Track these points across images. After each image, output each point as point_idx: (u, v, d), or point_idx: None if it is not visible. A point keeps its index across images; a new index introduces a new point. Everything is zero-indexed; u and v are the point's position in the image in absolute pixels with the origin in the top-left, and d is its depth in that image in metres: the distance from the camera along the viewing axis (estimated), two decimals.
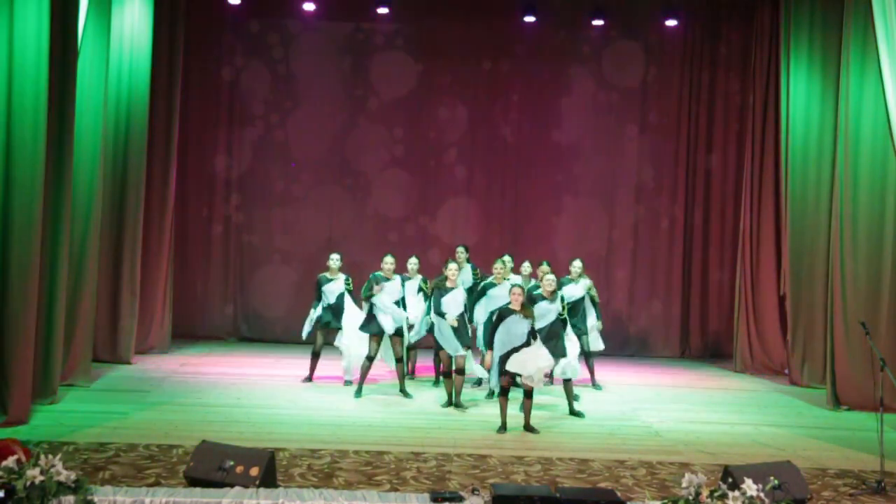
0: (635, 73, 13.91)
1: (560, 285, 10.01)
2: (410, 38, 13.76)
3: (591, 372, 10.75)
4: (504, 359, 8.57)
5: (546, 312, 9.19)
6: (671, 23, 13.38)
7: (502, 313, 8.71)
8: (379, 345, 9.89)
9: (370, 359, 9.87)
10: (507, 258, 10.35)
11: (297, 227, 13.72)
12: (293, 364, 11.56)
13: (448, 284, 9.66)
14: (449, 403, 9.45)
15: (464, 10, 13.61)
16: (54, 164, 8.42)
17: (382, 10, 13.04)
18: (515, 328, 8.59)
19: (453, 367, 9.50)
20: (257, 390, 9.98)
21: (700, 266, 13.93)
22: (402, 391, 9.86)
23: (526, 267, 10.82)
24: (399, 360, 9.89)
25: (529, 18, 13.24)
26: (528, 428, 8.58)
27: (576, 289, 10.45)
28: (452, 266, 9.73)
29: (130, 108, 11.29)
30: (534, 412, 8.78)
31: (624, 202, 13.98)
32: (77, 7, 8.78)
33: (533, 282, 10.45)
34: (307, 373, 10.53)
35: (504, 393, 8.64)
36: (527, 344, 8.56)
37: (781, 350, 12.36)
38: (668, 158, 13.93)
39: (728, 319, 13.42)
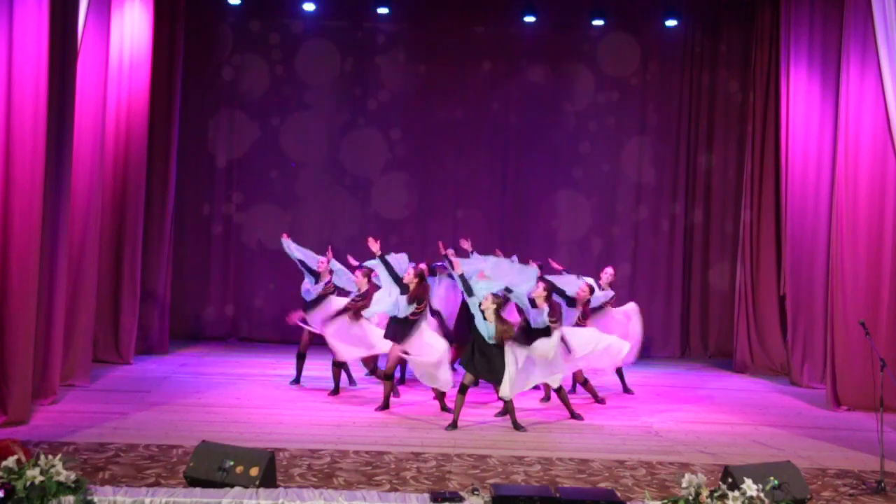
0: (635, 72, 13.90)
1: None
2: (410, 38, 13.75)
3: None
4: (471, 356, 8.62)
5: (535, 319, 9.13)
6: (671, 23, 13.37)
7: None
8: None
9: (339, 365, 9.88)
10: None
11: (297, 227, 13.66)
12: (293, 364, 11.56)
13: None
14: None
15: (464, 10, 13.60)
16: (54, 164, 8.41)
17: (382, 10, 13.03)
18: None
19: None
20: (257, 390, 9.98)
21: (700, 266, 13.92)
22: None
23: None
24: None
25: (529, 18, 13.24)
26: (517, 426, 8.59)
27: (601, 296, 10.43)
28: None
29: (130, 108, 11.28)
30: (533, 413, 8.81)
31: (624, 202, 13.97)
32: (77, 7, 8.78)
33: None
34: (294, 375, 10.45)
35: (463, 391, 8.65)
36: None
37: (781, 350, 12.36)
38: (669, 158, 13.92)
39: (728, 319, 13.40)
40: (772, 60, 12.46)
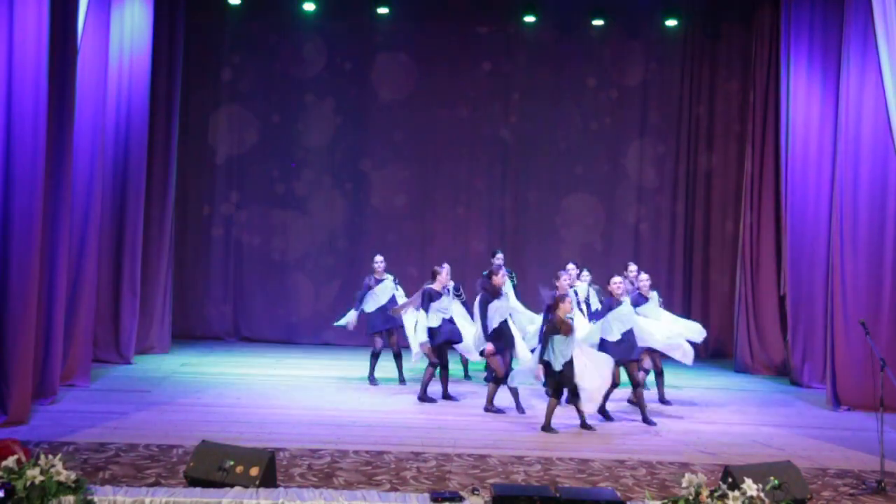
0: (635, 72, 13.91)
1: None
2: (410, 38, 13.76)
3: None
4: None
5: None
6: (671, 23, 13.38)
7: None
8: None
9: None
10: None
11: (297, 227, 13.72)
12: (293, 364, 11.58)
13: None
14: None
15: (464, 10, 13.62)
16: (54, 164, 8.41)
17: (382, 10, 13.04)
18: None
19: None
20: (257, 390, 9.98)
21: (701, 266, 13.93)
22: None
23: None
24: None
25: (529, 18, 13.24)
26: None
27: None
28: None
29: (130, 107, 11.29)
30: (532, 411, 8.83)
31: (625, 202, 13.98)
32: (77, 7, 8.78)
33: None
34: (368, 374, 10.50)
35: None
36: None
37: (781, 350, 12.36)
38: (669, 158, 13.93)
39: (728, 319, 13.41)
40: (772, 60, 12.47)
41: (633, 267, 10.68)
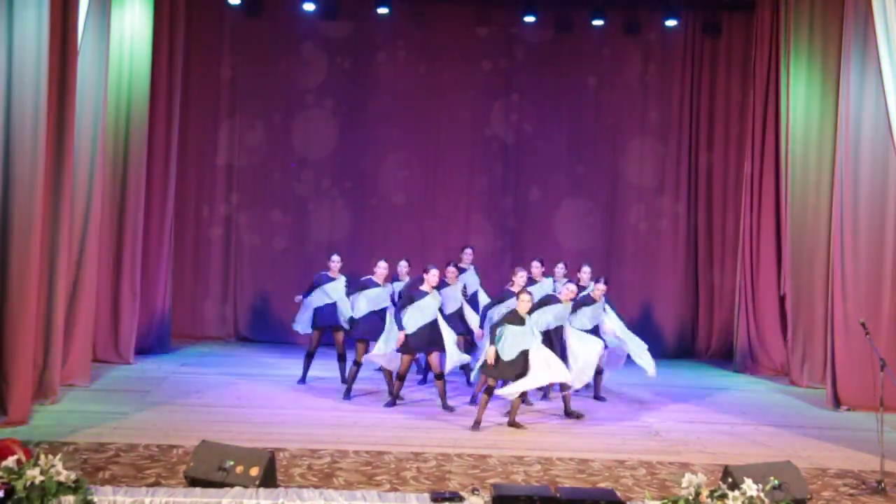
0: (635, 72, 13.91)
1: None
2: (411, 37, 13.75)
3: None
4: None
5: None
6: (671, 23, 13.38)
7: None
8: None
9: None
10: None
11: (297, 227, 13.71)
12: (293, 364, 11.55)
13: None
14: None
15: (464, 10, 13.61)
16: (54, 164, 8.42)
17: (382, 10, 13.04)
18: None
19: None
20: (257, 390, 9.98)
21: (701, 266, 13.90)
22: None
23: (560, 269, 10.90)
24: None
25: (529, 18, 13.24)
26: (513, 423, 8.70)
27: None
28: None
29: (130, 107, 11.28)
30: (532, 411, 8.82)
31: (625, 202, 13.98)
32: (77, 7, 8.78)
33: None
34: (301, 374, 10.45)
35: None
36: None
37: (781, 350, 12.36)
38: (669, 158, 13.93)
39: (728, 319, 13.40)
40: (772, 60, 12.46)
41: (560, 267, 10.92)
